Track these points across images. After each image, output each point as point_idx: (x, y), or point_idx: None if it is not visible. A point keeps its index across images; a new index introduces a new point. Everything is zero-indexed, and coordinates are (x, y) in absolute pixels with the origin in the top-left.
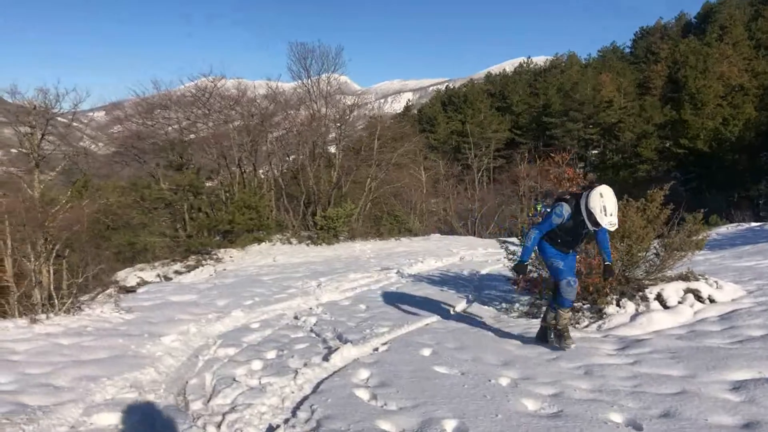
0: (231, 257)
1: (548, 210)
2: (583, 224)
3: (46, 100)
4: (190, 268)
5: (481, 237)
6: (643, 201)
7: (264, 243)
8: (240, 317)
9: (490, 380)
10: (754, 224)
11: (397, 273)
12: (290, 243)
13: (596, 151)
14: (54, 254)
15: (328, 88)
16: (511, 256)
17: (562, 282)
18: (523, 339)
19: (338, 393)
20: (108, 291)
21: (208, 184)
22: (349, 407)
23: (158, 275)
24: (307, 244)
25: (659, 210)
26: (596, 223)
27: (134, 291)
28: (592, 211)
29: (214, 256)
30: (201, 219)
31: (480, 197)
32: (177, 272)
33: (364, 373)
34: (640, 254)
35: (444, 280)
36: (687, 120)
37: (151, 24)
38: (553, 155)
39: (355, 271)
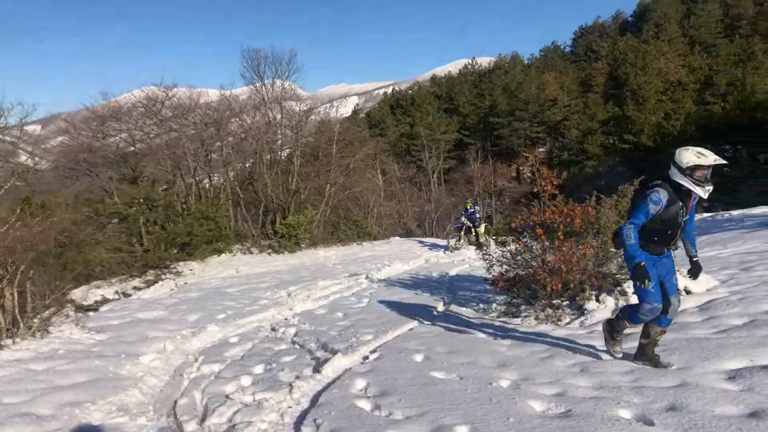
0: (191, 270)
1: (476, 208)
2: (682, 212)
3: None
4: (149, 283)
5: (438, 238)
6: (615, 197)
7: (224, 254)
8: (216, 332)
9: (491, 383)
10: (706, 215)
11: (366, 278)
12: (251, 253)
13: (543, 149)
14: (18, 276)
15: (282, 93)
16: (486, 257)
17: (644, 306)
18: (511, 339)
19: (339, 405)
20: (64, 311)
21: (163, 192)
22: (354, 419)
23: (116, 292)
24: (269, 253)
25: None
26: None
27: (94, 310)
28: (696, 164)
29: (174, 270)
30: (158, 232)
31: (435, 198)
32: (136, 288)
33: (360, 383)
34: (612, 249)
35: (416, 283)
36: (630, 116)
37: (84, 33)
38: (526, 154)
39: (323, 279)
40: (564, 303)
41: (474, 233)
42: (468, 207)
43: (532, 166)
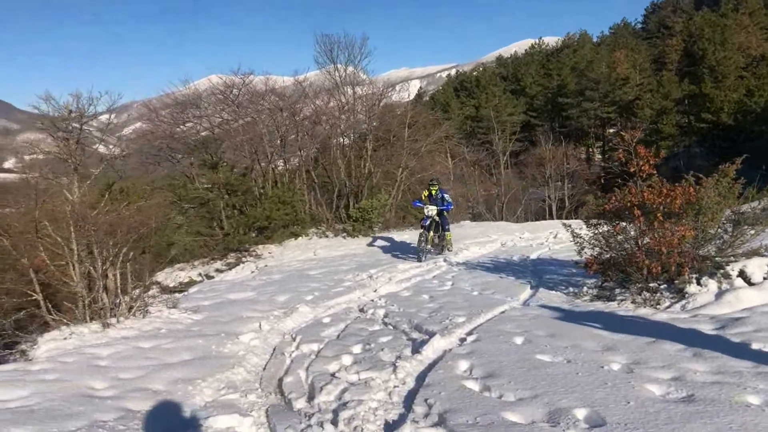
0: (270, 253)
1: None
2: None
3: (79, 105)
4: (230, 266)
5: (509, 221)
6: (716, 176)
7: (301, 237)
8: (307, 312)
9: (602, 367)
10: None
11: (444, 261)
12: (326, 236)
13: (613, 130)
14: (120, 258)
15: (355, 77)
16: (578, 239)
17: None
18: (612, 323)
19: (448, 386)
20: (151, 292)
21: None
22: (465, 400)
23: (200, 274)
24: (344, 237)
25: (731, 185)
26: None
27: (179, 291)
28: None
29: (253, 253)
30: (237, 216)
31: (505, 182)
32: (218, 270)
33: (464, 365)
34: (711, 231)
35: (497, 266)
36: (708, 93)
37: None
38: (622, 133)
39: (402, 262)
40: (661, 286)
41: (438, 236)
42: (433, 192)
43: (628, 146)
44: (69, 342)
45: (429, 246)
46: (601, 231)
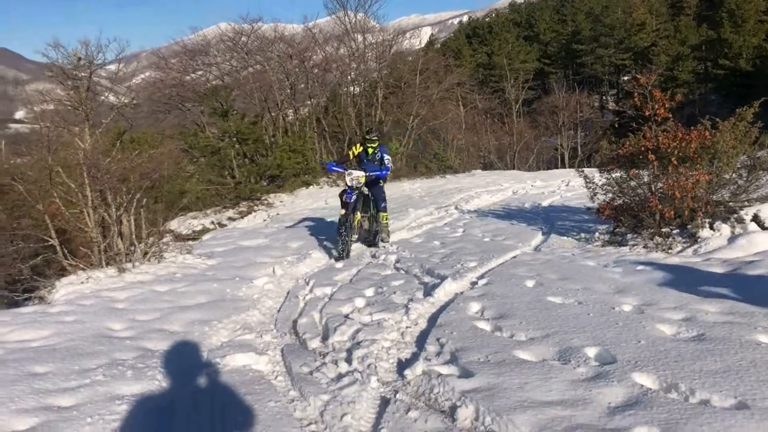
0: (281, 201)
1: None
2: None
3: (88, 53)
4: (242, 214)
5: (522, 170)
6: (732, 120)
7: (312, 186)
8: (320, 257)
9: (613, 308)
10: None
11: (456, 209)
12: (338, 185)
13: (627, 77)
14: (134, 204)
15: (365, 23)
16: (590, 185)
17: None
18: (622, 266)
19: (460, 326)
20: (165, 239)
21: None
22: (477, 339)
23: (212, 222)
24: None
25: (747, 129)
26: None
27: (193, 239)
28: None
29: (265, 202)
30: (248, 165)
31: (518, 130)
32: (230, 219)
33: (475, 306)
34: (726, 176)
35: (509, 214)
36: (726, 39)
37: None
38: (638, 76)
39: (414, 209)
40: (674, 231)
41: (369, 217)
42: (369, 150)
43: (644, 89)
44: (86, 286)
45: (354, 235)
46: (614, 176)
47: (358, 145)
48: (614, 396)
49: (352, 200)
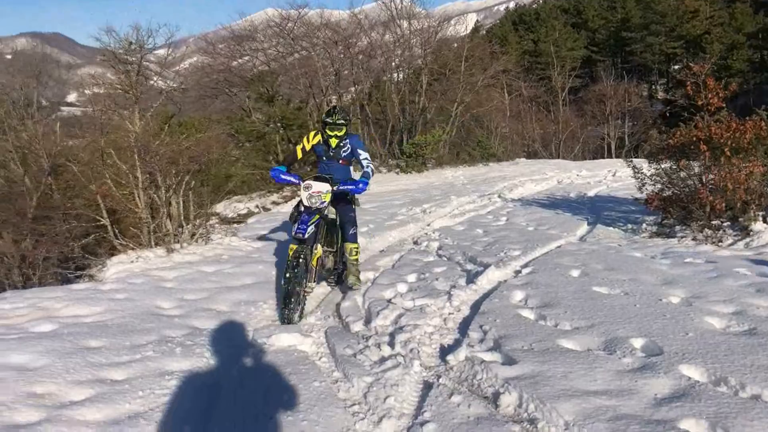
0: None
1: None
2: None
3: (139, 38)
4: (286, 199)
5: (566, 159)
6: None
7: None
8: (363, 243)
9: (660, 299)
10: None
11: (499, 198)
12: (380, 171)
13: (678, 66)
14: (183, 186)
15: (411, 10)
16: (639, 175)
17: None
18: (671, 258)
19: (503, 314)
20: (211, 222)
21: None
22: (520, 327)
23: (257, 206)
24: (397, 173)
25: None
26: None
27: (238, 222)
28: None
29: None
30: (292, 150)
31: (563, 119)
32: (274, 203)
33: (519, 295)
34: None
35: (554, 203)
36: None
37: None
38: (691, 64)
39: (456, 197)
40: (724, 224)
41: (334, 251)
42: (332, 142)
43: (697, 77)
44: (136, 265)
45: (311, 283)
46: (663, 167)
47: (312, 134)
48: (661, 387)
49: (306, 233)
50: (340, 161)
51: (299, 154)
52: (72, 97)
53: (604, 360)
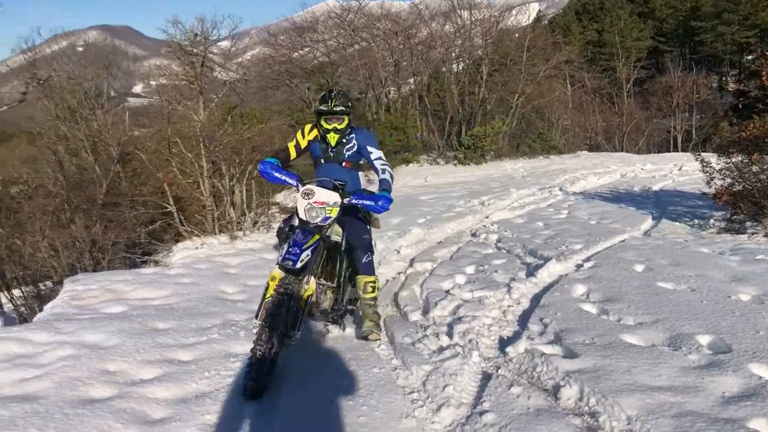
0: None
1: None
2: None
3: (204, 29)
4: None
5: (630, 152)
6: None
7: (412, 164)
8: (420, 234)
9: (729, 296)
10: None
11: (560, 191)
12: (437, 163)
13: (752, 56)
14: (246, 176)
15: (472, 0)
16: (707, 169)
17: None
18: (740, 255)
19: (564, 307)
20: (272, 211)
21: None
22: (582, 321)
23: None
24: (455, 164)
25: None
26: None
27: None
28: None
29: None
30: None
31: (628, 111)
32: None
33: (581, 289)
34: None
35: (617, 197)
36: None
37: None
38: (766, 54)
39: (515, 190)
40: None
41: (338, 285)
42: (331, 138)
43: None
44: (200, 251)
45: (296, 333)
46: (733, 161)
47: (308, 127)
48: (729, 385)
49: (299, 261)
50: (344, 164)
51: (292, 153)
52: (138, 88)
53: (669, 356)
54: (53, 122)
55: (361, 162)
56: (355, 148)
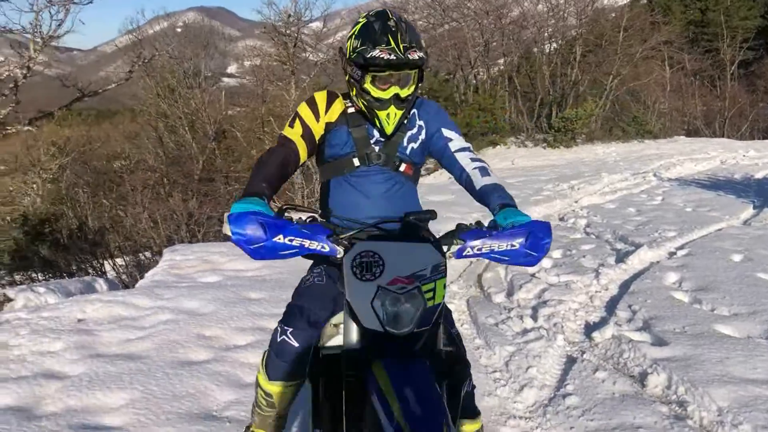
0: None
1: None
2: None
3: (296, 9)
4: (429, 171)
5: (732, 138)
6: None
7: (499, 146)
8: None
9: None
10: None
11: (655, 176)
12: (525, 146)
13: None
14: None
15: None
16: None
17: None
18: None
19: (654, 295)
20: None
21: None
22: (673, 309)
23: None
24: (544, 147)
25: None
26: None
27: None
28: None
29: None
30: None
31: (731, 94)
32: None
33: (673, 277)
34: None
35: (715, 184)
36: None
37: None
38: None
39: (607, 174)
40: None
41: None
42: (388, 112)
43: None
44: None
45: None
46: None
47: (322, 97)
48: None
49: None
50: (404, 167)
51: (302, 152)
52: (232, 69)
53: (766, 348)
54: (154, 100)
55: (421, 164)
56: (422, 137)
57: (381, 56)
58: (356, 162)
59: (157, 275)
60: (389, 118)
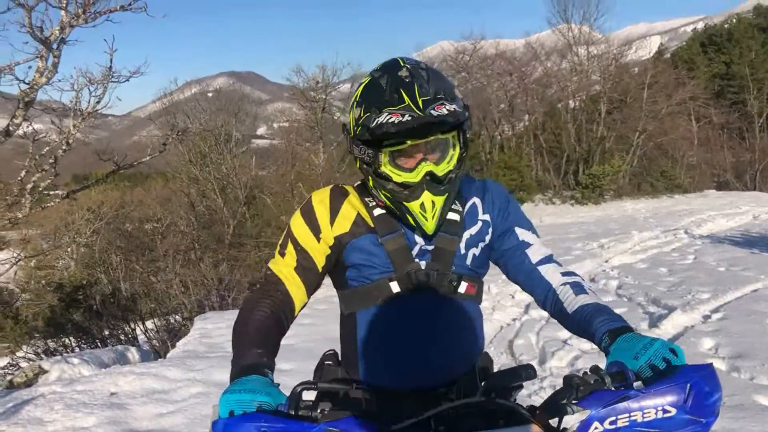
0: None
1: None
2: None
3: (324, 75)
4: None
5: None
6: None
7: (526, 203)
8: None
9: None
10: None
11: (686, 233)
12: (553, 203)
13: None
14: None
15: (590, 37)
16: None
17: None
18: None
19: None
20: None
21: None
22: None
23: None
24: (572, 204)
25: None
26: None
27: None
28: None
29: None
30: None
31: (760, 147)
32: None
33: (708, 342)
34: None
35: (749, 241)
36: None
37: None
38: None
39: (638, 232)
40: None
41: None
42: (435, 206)
43: None
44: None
45: None
46: None
47: (325, 195)
48: None
49: None
50: (464, 288)
51: (298, 293)
52: (261, 130)
53: None
54: (186, 166)
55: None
56: (488, 238)
57: (391, 120)
58: (395, 288)
59: (188, 344)
60: (425, 211)
